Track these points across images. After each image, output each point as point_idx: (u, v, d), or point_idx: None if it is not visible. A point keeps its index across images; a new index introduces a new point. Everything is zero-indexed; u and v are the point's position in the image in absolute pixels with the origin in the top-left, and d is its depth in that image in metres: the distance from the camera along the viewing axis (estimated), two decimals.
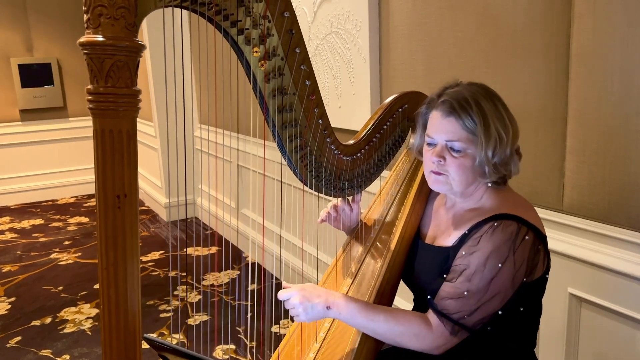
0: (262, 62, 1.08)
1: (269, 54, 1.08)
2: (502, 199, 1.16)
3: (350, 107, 2.48)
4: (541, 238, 1.11)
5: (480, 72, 1.80)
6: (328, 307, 1.13)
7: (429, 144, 1.16)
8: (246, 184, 3.76)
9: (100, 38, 0.88)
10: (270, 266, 3.44)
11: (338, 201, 1.43)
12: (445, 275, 1.13)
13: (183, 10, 1.00)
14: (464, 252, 1.11)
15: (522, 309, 1.13)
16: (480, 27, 1.78)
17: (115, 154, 0.94)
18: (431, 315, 1.12)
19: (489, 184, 1.15)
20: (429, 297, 1.13)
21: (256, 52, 1.06)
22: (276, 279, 3.33)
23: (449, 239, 1.20)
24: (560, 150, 1.60)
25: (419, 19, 2.05)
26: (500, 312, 1.09)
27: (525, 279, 1.08)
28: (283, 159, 1.22)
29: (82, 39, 0.89)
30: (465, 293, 1.07)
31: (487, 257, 1.06)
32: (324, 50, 2.61)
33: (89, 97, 0.92)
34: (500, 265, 1.05)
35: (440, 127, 1.12)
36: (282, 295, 1.15)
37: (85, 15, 0.89)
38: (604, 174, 1.48)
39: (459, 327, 1.08)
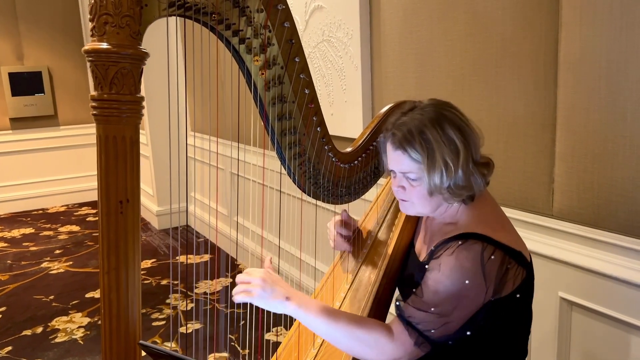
0: (263, 70, 1.10)
1: (269, 63, 1.10)
2: (476, 215, 1.16)
3: (342, 115, 2.51)
4: (512, 255, 1.09)
5: (470, 80, 1.84)
6: (287, 298, 1.08)
7: (392, 172, 1.18)
8: (238, 191, 3.77)
9: (105, 45, 0.90)
10: None
11: (335, 225, 1.44)
12: (414, 290, 1.13)
13: (176, 18, 1.02)
14: (427, 267, 1.12)
15: (484, 322, 1.10)
16: (469, 35, 1.82)
17: (119, 159, 0.96)
18: (395, 324, 1.10)
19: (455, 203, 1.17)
20: (397, 303, 1.12)
21: (257, 61, 1.09)
22: None
23: (424, 254, 1.22)
24: (549, 156, 1.63)
25: (409, 28, 2.09)
26: (469, 333, 1.09)
27: (492, 298, 1.08)
28: (278, 168, 1.23)
29: (87, 47, 0.91)
30: (432, 309, 1.06)
31: (450, 271, 1.06)
32: (316, 58, 2.64)
33: (93, 104, 0.94)
34: (467, 282, 1.05)
35: (393, 160, 1.15)
36: (245, 271, 1.11)
37: (90, 23, 0.91)
38: (593, 179, 1.52)
39: (423, 339, 1.07)
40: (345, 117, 2.49)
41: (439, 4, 1.93)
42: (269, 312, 1.14)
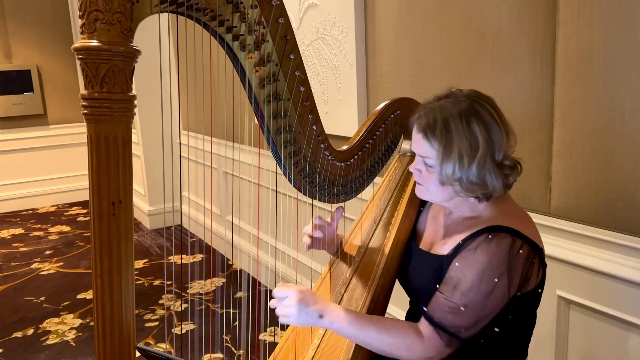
0: (257, 68, 1.08)
1: (264, 60, 1.08)
2: (499, 209, 1.16)
3: (337, 113, 2.49)
4: (537, 251, 1.11)
5: (467, 77, 1.82)
6: (321, 316, 1.12)
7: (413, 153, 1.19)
8: (231, 190, 3.74)
9: (95, 43, 0.87)
10: (258, 274, 3.42)
11: (314, 222, 1.39)
12: (438, 285, 1.12)
13: (167, 15, 1.00)
14: (457, 264, 1.10)
15: (510, 316, 1.12)
16: (465, 32, 1.81)
17: (110, 160, 0.93)
18: (424, 325, 1.11)
19: (471, 199, 1.16)
20: (424, 308, 1.12)
21: (251, 58, 1.06)
22: (264, 286, 3.31)
23: (444, 247, 1.20)
24: (546, 153, 1.62)
25: (405, 25, 2.07)
26: (497, 330, 1.10)
27: (518, 292, 1.09)
28: (271, 166, 1.22)
29: (77, 44, 0.88)
30: (462, 308, 1.07)
31: (482, 271, 1.06)
32: (310, 56, 2.62)
33: (84, 103, 0.91)
34: (496, 280, 1.05)
35: (415, 142, 1.16)
36: (279, 291, 1.13)
37: (80, 20, 0.88)
38: (590, 176, 1.51)
39: (454, 339, 1.08)
40: (340, 115, 2.47)
41: (434, 0, 1.91)
42: (262, 313, 1.14)
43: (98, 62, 0.88)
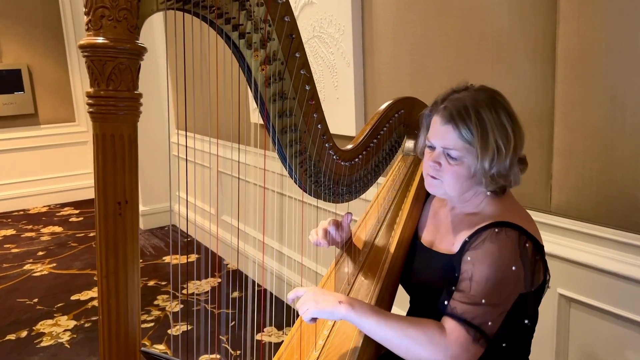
0: (263, 66, 1.07)
1: (270, 58, 1.07)
2: (503, 206, 1.15)
3: (334, 112, 2.48)
4: (539, 249, 1.11)
5: (466, 76, 1.81)
6: (340, 302, 1.08)
7: (429, 147, 1.16)
8: (225, 190, 3.72)
9: (101, 40, 0.86)
10: (253, 274, 3.41)
11: (327, 223, 1.37)
12: (454, 288, 1.10)
13: (174, 12, 0.98)
14: (469, 258, 1.09)
15: (526, 321, 1.13)
16: (465, 31, 1.81)
17: (117, 159, 0.92)
18: (447, 321, 1.07)
19: (488, 193, 1.16)
20: (445, 302, 1.09)
21: (257, 56, 1.05)
22: (259, 286, 3.30)
23: (450, 246, 1.19)
24: (547, 152, 1.62)
25: (403, 23, 2.06)
26: (527, 322, 1.11)
27: (532, 289, 1.09)
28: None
29: (82, 41, 0.87)
30: (483, 301, 1.04)
31: (495, 261, 1.05)
32: (307, 54, 2.61)
33: (89, 101, 0.90)
34: (514, 267, 1.05)
35: (438, 134, 1.12)
36: (295, 290, 1.13)
37: (86, 17, 0.87)
38: (591, 175, 1.51)
39: (480, 334, 1.04)
40: (338, 114, 2.46)
41: None
42: (260, 313, 1.14)
43: (104, 59, 0.87)
